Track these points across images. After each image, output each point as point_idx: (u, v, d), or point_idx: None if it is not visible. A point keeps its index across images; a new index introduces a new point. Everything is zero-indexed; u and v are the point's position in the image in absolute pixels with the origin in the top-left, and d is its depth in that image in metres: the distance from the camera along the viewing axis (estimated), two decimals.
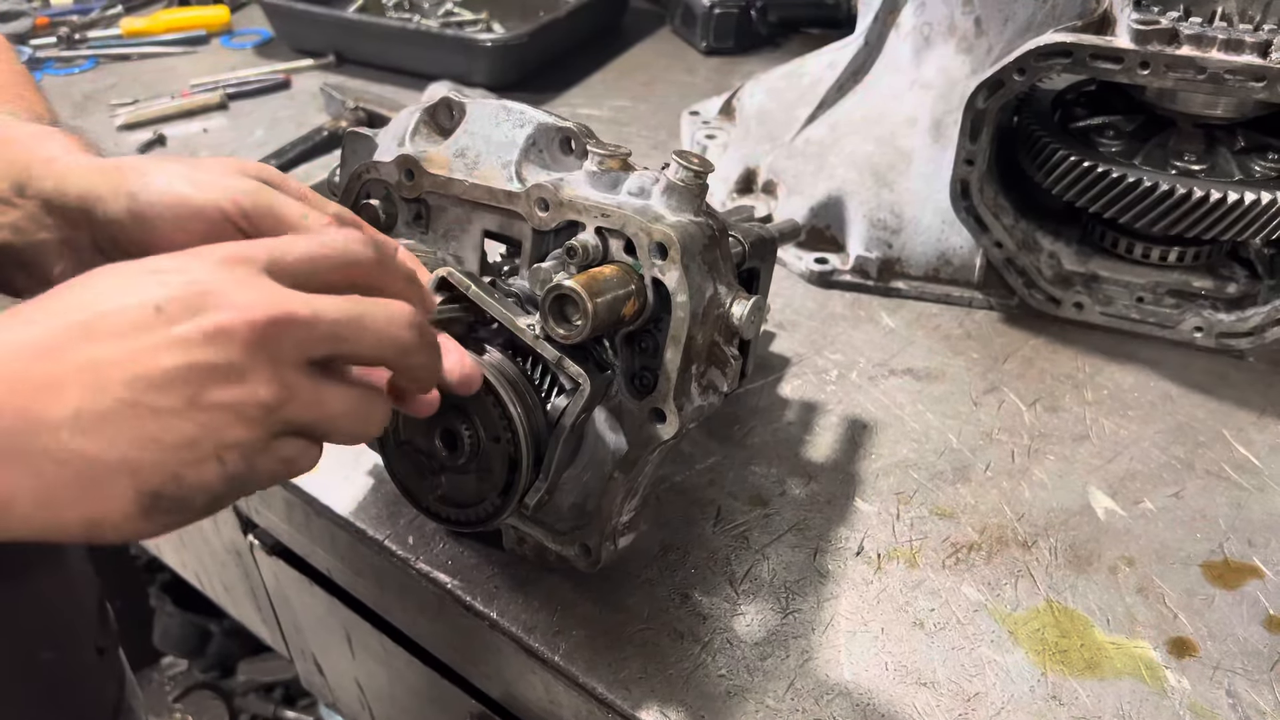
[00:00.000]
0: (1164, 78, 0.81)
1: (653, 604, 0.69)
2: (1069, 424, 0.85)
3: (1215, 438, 0.83)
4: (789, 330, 0.95)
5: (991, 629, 0.68)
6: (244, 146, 1.25)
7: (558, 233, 0.61)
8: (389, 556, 0.73)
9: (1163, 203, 0.84)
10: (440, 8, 1.59)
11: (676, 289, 0.56)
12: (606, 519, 0.62)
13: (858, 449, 0.82)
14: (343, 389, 0.47)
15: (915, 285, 1.00)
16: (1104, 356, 0.92)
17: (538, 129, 0.63)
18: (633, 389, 0.60)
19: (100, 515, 0.42)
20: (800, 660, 0.66)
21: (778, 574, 0.72)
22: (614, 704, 0.64)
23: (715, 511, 0.76)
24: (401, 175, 0.66)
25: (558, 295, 0.55)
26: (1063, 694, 0.64)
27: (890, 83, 1.05)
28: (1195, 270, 0.93)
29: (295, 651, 1.07)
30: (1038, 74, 0.83)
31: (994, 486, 0.79)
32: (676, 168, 0.59)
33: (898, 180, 0.99)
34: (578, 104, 1.38)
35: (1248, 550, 0.73)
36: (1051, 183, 0.89)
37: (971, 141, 0.89)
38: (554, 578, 0.70)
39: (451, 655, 0.77)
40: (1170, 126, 0.90)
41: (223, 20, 1.58)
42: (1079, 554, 0.73)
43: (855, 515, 0.76)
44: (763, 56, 1.49)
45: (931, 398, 0.87)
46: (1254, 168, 0.87)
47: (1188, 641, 0.67)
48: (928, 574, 0.72)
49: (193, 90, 1.37)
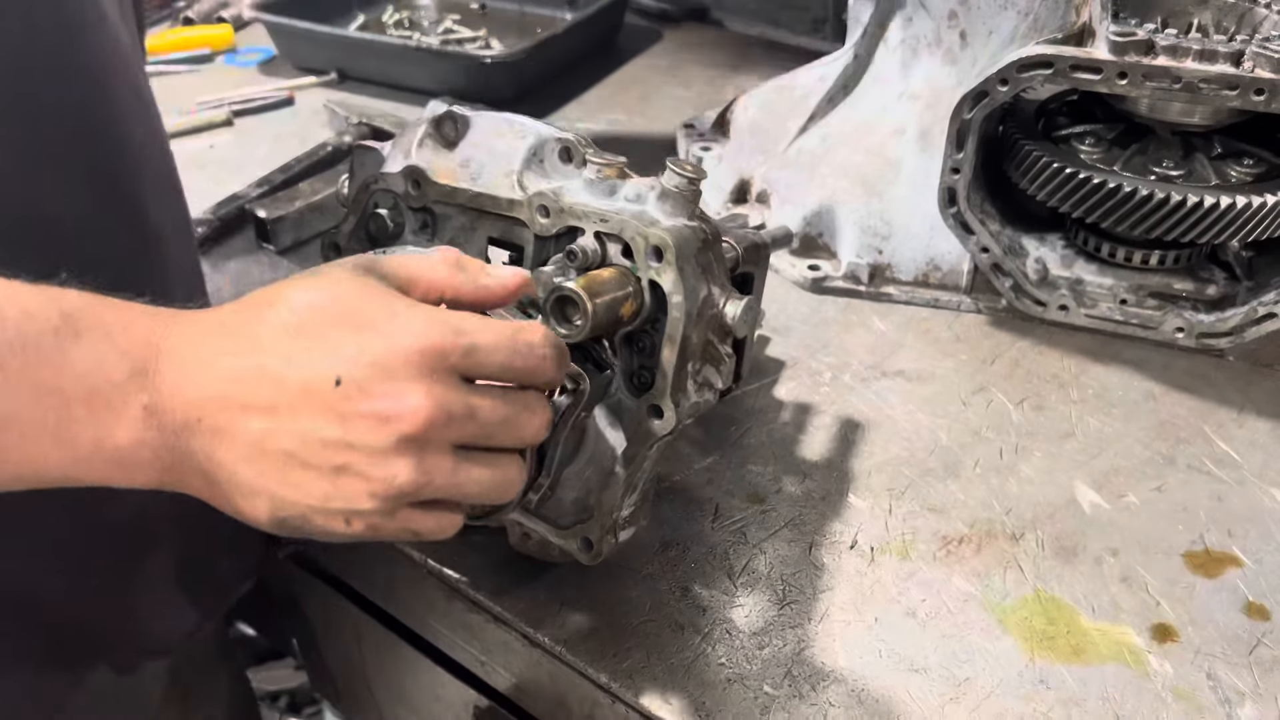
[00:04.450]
0: (1141, 87, 0.84)
1: (654, 597, 0.72)
2: (1055, 422, 0.87)
3: (1196, 434, 0.86)
4: (783, 335, 0.98)
5: (981, 618, 0.70)
6: (250, 162, 1.28)
7: (558, 238, 0.64)
8: (399, 555, 0.76)
9: (1142, 207, 0.87)
10: (440, 25, 1.63)
11: (672, 290, 0.59)
12: (607, 513, 0.65)
13: (851, 448, 0.85)
14: (480, 470, 0.52)
15: (905, 290, 1.03)
16: (1089, 357, 0.95)
17: (538, 140, 0.66)
18: (631, 387, 0.63)
19: (242, 514, 0.51)
20: (797, 649, 0.68)
21: (774, 567, 0.74)
22: (618, 693, 0.66)
23: (713, 509, 0.79)
24: (408, 185, 0.69)
25: (559, 297, 0.58)
26: (1050, 679, 0.66)
27: (879, 94, 1.08)
28: (1176, 273, 0.96)
29: (305, 654, 1.09)
30: (1020, 85, 0.86)
31: (983, 482, 0.81)
32: (671, 175, 0.62)
33: (887, 189, 1.02)
34: (575, 118, 1.41)
35: (1227, 540, 0.76)
36: (1036, 189, 0.92)
37: (958, 150, 0.92)
38: (558, 573, 0.72)
39: (459, 651, 0.79)
40: (1149, 134, 0.93)
41: (227, 39, 1.61)
42: (1065, 546, 0.76)
43: (849, 511, 0.79)
44: (757, 71, 1.52)
45: (922, 398, 0.90)
46: (1230, 173, 0.90)
47: (1170, 628, 0.70)
48: (919, 566, 0.74)
49: (199, 108, 1.40)
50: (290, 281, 0.52)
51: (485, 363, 0.51)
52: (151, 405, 0.49)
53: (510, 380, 0.53)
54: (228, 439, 0.49)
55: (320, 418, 0.48)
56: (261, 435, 0.48)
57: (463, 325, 0.50)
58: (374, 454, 0.48)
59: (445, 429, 0.49)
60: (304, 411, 0.48)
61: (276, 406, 0.48)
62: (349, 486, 0.49)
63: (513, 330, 0.52)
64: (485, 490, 0.53)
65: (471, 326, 0.50)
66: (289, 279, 0.53)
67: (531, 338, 0.52)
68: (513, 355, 0.51)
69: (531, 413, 0.53)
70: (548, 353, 0.53)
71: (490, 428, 0.51)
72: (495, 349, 0.51)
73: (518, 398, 0.53)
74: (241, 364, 0.49)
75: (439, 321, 0.50)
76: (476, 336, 0.50)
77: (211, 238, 1.12)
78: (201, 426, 0.49)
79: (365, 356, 0.48)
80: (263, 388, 0.48)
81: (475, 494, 0.53)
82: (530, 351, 0.52)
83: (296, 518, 0.50)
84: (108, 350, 0.48)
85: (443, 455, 0.50)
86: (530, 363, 0.52)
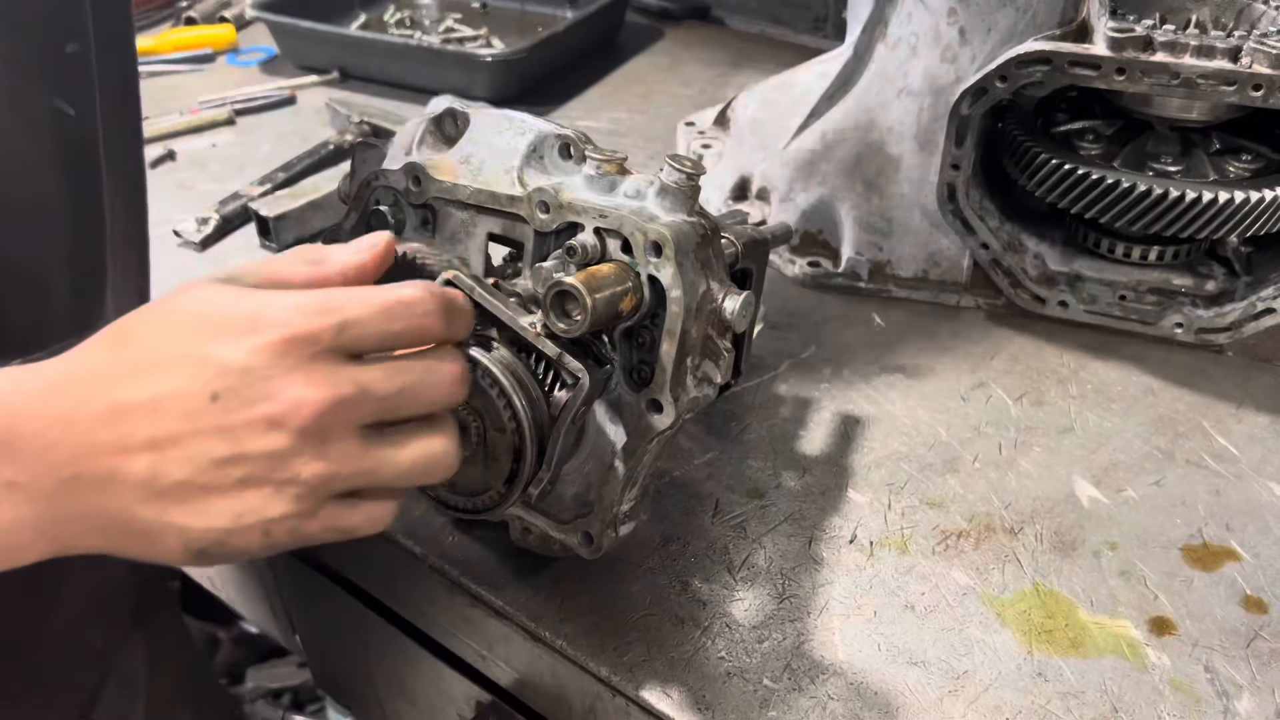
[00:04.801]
0: (1139, 83, 0.84)
1: (654, 592, 0.72)
2: (1054, 417, 0.88)
3: (1195, 428, 0.86)
4: (784, 331, 0.98)
5: (980, 611, 0.71)
6: (252, 161, 1.28)
7: (558, 234, 0.64)
8: (401, 550, 0.76)
9: (1141, 203, 0.87)
10: (441, 24, 1.63)
11: (671, 285, 0.59)
12: (608, 507, 0.65)
13: (850, 443, 0.85)
14: (396, 449, 0.49)
15: (905, 287, 1.03)
16: (1088, 352, 0.95)
17: (538, 136, 0.67)
18: (631, 382, 0.63)
19: (153, 557, 0.48)
20: (796, 642, 0.68)
21: (774, 562, 0.74)
22: (619, 686, 0.66)
23: (714, 504, 0.79)
24: (409, 182, 0.69)
25: (559, 291, 0.58)
26: (1048, 671, 0.67)
27: (879, 91, 1.08)
28: (1175, 268, 0.96)
29: (308, 649, 1.10)
30: (1019, 81, 0.87)
31: (982, 477, 0.82)
32: (670, 171, 0.62)
33: (887, 186, 1.03)
34: (576, 116, 1.41)
35: (1225, 534, 0.76)
36: (1034, 185, 0.93)
37: (957, 147, 0.92)
38: (559, 568, 0.73)
39: (461, 645, 0.80)
40: (1148, 130, 0.93)
41: (229, 39, 1.62)
42: (1064, 540, 0.76)
43: (848, 505, 0.79)
44: (757, 68, 1.53)
45: (921, 394, 0.90)
46: (1228, 168, 0.90)
47: (1168, 621, 0.70)
48: (918, 560, 0.75)
49: (201, 107, 1.40)
50: (140, 312, 0.49)
51: (363, 335, 0.48)
52: (13, 479, 0.45)
53: (398, 346, 0.50)
54: (115, 487, 0.46)
55: (207, 439, 0.45)
56: (150, 473, 0.45)
57: (328, 302, 0.47)
58: (272, 459, 0.46)
59: (339, 413, 0.47)
60: (188, 437, 0.45)
61: (157, 440, 0.45)
62: (256, 498, 0.46)
63: (384, 294, 0.49)
64: (410, 469, 0.50)
65: (338, 301, 0.48)
66: (140, 310, 0.50)
67: (408, 297, 0.49)
68: (390, 320, 0.48)
69: (436, 373, 0.50)
70: (430, 307, 0.50)
71: (392, 400, 0.48)
72: (368, 319, 0.48)
73: (415, 362, 0.50)
74: (108, 406, 0.46)
75: (301, 306, 0.47)
76: (345, 311, 0.47)
77: (214, 236, 1.13)
78: (81, 483, 0.45)
79: (235, 363, 0.45)
80: (137, 425, 0.45)
81: (399, 474, 0.50)
82: (409, 312, 0.49)
83: (213, 545, 0.47)
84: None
85: (346, 441, 0.47)
86: (413, 323, 0.49)
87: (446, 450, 0.52)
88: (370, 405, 0.48)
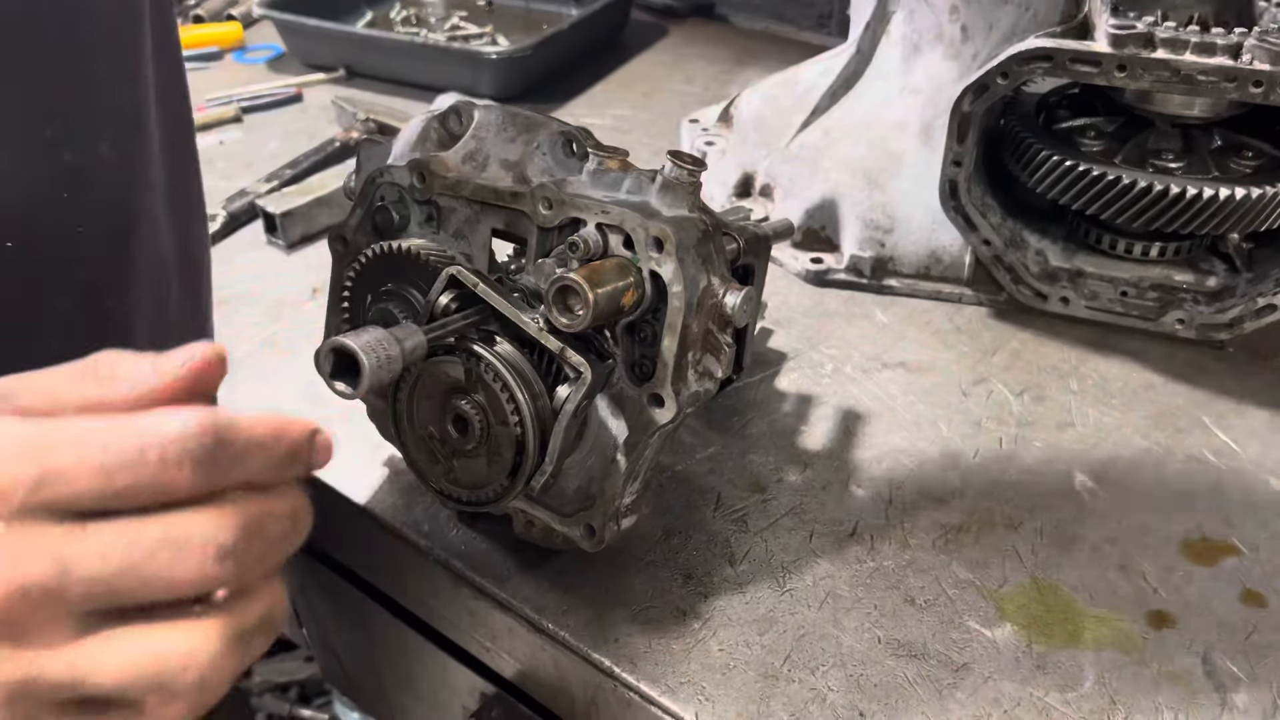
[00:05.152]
0: (1140, 80, 0.84)
1: (656, 584, 0.73)
2: (1055, 412, 0.88)
3: (1195, 424, 0.87)
4: (785, 327, 0.99)
5: (979, 605, 0.71)
6: (259, 158, 1.29)
7: (561, 229, 0.65)
8: (406, 544, 0.77)
9: (1142, 199, 0.87)
10: (446, 22, 1.64)
11: (672, 280, 0.60)
12: (609, 501, 0.66)
13: (852, 438, 0.86)
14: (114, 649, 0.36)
15: (907, 283, 1.03)
16: (1089, 348, 0.95)
17: (542, 133, 0.67)
18: (633, 376, 0.64)
19: None
20: (797, 635, 0.69)
21: (775, 555, 0.75)
22: (621, 678, 0.67)
23: (715, 498, 0.80)
24: (414, 178, 0.70)
25: (561, 286, 0.59)
26: (1047, 664, 0.67)
27: (881, 89, 1.09)
28: (1176, 265, 0.96)
29: (315, 643, 1.11)
30: (1021, 78, 0.87)
31: (982, 471, 0.82)
32: (671, 167, 0.63)
33: (889, 182, 1.03)
34: (580, 113, 1.42)
35: (1225, 529, 0.77)
36: (1036, 182, 0.93)
37: (959, 143, 0.92)
38: (561, 561, 0.73)
39: (465, 638, 0.80)
40: (1149, 127, 0.93)
41: (235, 37, 1.63)
42: (1063, 534, 0.77)
43: (849, 499, 0.80)
44: (761, 66, 1.53)
45: (922, 389, 0.91)
46: (1230, 165, 0.90)
47: (1166, 615, 0.70)
48: (918, 554, 0.75)
49: (208, 104, 1.41)
50: None
51: (72, 493, 0.34)
52: None
53: (124, 506, 0.35)
54: None
55: None
56: None
57: (36, 444, 0.34)
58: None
59: (31, 604, 0.34)
60: None
61: None
62: None
63: (115, 435, 0.35)
64: (133, 677, 0.36)
65: (47, 443, 0.34)
66: None
67: (149, 440, 0.35)
68: (106, 474, 0.34)
69: (177, 547, 0.35)
70: (173, 454, 0.35)
71: (110, 583, 0.35)
72: (78, 472, 0.34)
73: (148, 531, 0.35)
74: None
75: (2, 447, 0.34)
76: (51, 458, 0.34)
77: (221, 232, 1.14)
78: None
79: None
80: None
81: (118, 683, 0.36)
82: (140, 460, 0.35)
83: None
84: None
85: (56, 631, 0.35)
86: (144, 476, 0.35)
87: (190, 654, 0.36)
88: (78, 590, 0.34)
